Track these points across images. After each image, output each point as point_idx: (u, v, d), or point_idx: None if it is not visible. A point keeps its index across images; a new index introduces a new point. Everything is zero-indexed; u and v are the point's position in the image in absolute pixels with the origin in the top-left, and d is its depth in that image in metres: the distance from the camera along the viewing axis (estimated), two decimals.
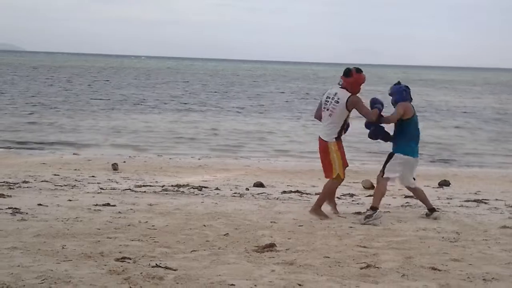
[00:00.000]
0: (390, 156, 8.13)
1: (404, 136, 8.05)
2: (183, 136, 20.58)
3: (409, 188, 8.43)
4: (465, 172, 14.37)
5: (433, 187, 11.30)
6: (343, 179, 8.23)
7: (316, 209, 8.08)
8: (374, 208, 7.86)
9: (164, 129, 21.94)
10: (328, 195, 8.20)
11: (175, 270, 5.51)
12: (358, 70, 8.00)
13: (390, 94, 8.21)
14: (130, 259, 5.78)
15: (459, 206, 9.24)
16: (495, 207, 9.26)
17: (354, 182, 11.39)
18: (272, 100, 38.26)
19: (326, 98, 8.02)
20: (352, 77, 7.92)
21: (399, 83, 8.28)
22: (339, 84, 8.01)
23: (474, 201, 9.67)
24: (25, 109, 27.25)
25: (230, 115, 27.91)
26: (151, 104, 32.07)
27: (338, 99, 7.89)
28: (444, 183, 11.54)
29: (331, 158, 8.00)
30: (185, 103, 33.41)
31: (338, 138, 8.03)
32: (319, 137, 8.15)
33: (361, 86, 8.04)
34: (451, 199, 9.97)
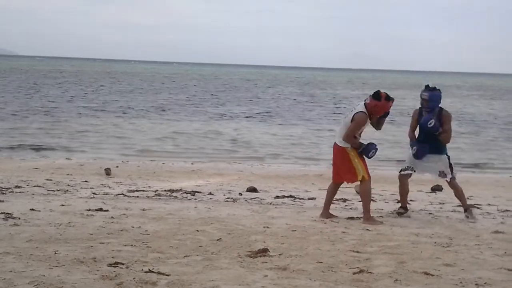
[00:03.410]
0: (449, 159, 8.67)
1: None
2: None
3: (406, 180, 8.83)
4: (457, 177, 14.36)
5: (426, 192, 11.33)
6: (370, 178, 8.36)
7: (368, 218, 8.18)
8: (468, 208, 8.65)
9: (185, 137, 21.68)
10: (369, 197, 8.32)
11: (168, 275, 5.50)
12: (388, 98, 8.16)
13: (428, 100, 8.49)
14: (122, 264, 5.77)
15: (452, 211, 9.27)
16: (488, 212, 9.29)
17: (346, 187, 11.37)
18: (275, 105, 38.19)
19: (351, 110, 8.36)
20: (380, 101, 8.10)
21: (434, 88, 8.61)
22: (365, 100, 8.22)
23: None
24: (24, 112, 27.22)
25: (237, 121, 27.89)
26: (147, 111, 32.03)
27: (351, 111, 8.26)
28: (436, 188, 11.56)
29: (353, 162, 8.17)
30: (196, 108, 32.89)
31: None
32: (335, 143, 8.32)
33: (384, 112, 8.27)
34: (443, 204, 9.99)
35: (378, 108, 8.11)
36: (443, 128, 8.52)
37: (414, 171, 8.77)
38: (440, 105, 8.60)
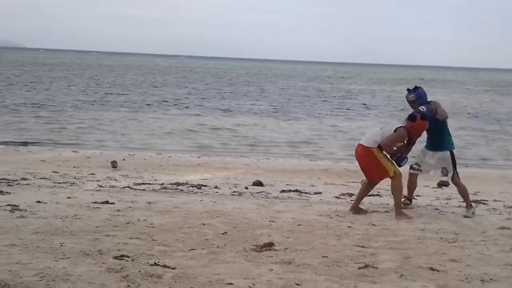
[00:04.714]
0: (452, 155, 8.66)
1: (448, 134, 8.70)
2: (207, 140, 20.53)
3: (415, 177, 8.96)
4: (464, 173, 14.25)
5: (432, 187, 11.32)
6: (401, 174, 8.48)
7: (400, 213, 8.26)
8: (471, 206, 8.68)
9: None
10: (401, 192, 8.44)
11: (173, 268, 5.51)
12: (424, 118, 8.35)
13: (416, 99, 8.64)
14: (128, 257, 5.78)
15: (458, 207, 9.25)
16: (494, 208, 9.27)
17: (353, 182, 11.40)
18: (281, 100, 38.10)
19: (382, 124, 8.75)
20: (415, 122, 8.30)
21: (416, 87, 8.79)
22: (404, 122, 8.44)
23: (473, 201, 9.64)
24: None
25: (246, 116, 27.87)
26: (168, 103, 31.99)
27: (391, 124, 8.55)
28: (443, 184, 11.53)
29: (380, 160, 8.28)
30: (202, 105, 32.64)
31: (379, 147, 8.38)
32: (359, 144, 8.47)
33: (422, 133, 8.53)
34: (449, 199, 9.98)
35: (415, 129, 8.34)
36: (437, 112, 8.60)
37: (421, 171, 8.83)
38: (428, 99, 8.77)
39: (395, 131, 8.29)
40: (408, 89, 8.83)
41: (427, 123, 8.37)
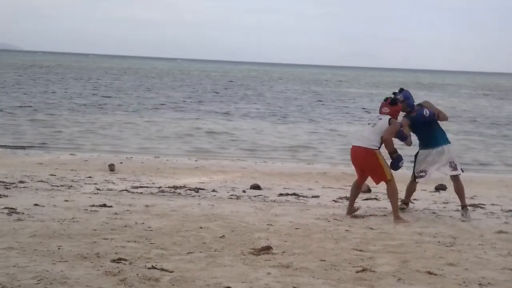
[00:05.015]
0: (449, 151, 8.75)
1: (442, 129, 8.83)
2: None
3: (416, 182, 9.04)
4: (461, 176, 14.33)
5: (430, 191, 11.32)
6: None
7: (398, 217, 8.26)
8: (466, 208, 8.71)
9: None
10: (397, 197, 8.41)
11: (171, 272, 5.51)
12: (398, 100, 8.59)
13: (404, 99, 8.65)
14: (126, 260, 5.78)
15: (455, 211, 9.25)
16: (491, 212, 9.28)
17: (350, 186, 11.38)
18: (279, 103, 38.10)
19: (369, 121, 8.63)
20: (398, 105, 8.49)
21: (401, 89, 8.87)
22: (384, 111, 8.53)
23: (470, 205, 9.65)
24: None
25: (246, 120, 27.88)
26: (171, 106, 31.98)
27: (380, 119, 8.46)
28: (440, 187, 11.55)
29: (381, 163, 8.31)
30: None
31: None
32: (359, 147, 8.41)
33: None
34: (447, 203, 9.98)
35: (398, 113, 8.52)
36: (439, 116, 8.72)
37: (427, 174, 8.83)
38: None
39: (390, 123, 8.32)
40: (394, 93, 8.85)
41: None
